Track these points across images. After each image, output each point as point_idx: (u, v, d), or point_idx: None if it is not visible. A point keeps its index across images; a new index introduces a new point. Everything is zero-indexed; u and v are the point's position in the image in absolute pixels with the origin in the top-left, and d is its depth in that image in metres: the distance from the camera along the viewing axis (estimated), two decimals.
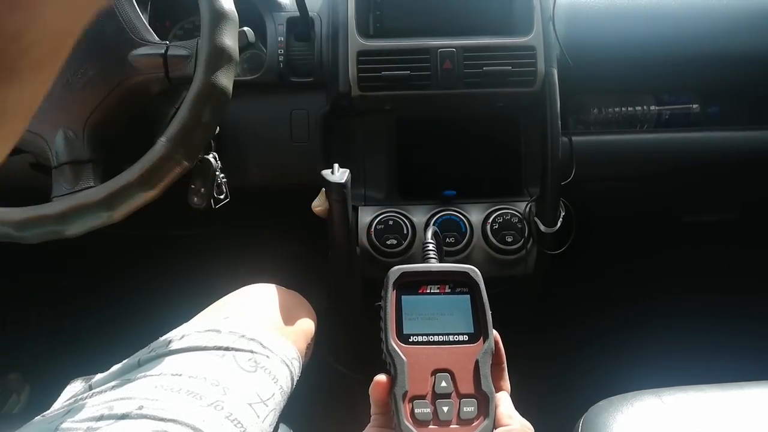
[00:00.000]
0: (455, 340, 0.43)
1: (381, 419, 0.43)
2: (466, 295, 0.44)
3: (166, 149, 0.63)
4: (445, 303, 0.44)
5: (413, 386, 0.41)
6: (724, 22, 0.91)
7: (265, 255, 1.18)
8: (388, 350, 0.42)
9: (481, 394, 0.41)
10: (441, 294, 0.45)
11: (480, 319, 0.43)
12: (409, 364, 0.41)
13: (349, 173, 0.71)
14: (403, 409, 0.40)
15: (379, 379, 0.41)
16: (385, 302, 0.43)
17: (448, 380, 0.41)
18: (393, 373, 0.41)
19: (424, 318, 0.43)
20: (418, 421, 0.40)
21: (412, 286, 0.44)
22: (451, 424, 0.40)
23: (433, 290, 0.45)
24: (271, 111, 0.89)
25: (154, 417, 0.49)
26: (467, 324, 0.43)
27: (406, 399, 0.40)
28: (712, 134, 0.94)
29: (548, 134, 0.83)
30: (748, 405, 0.63)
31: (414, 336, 0.42)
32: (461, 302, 0.44)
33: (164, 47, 0.68)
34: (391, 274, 0.44)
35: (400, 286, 0.44)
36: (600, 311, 1.23)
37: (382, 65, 0.83)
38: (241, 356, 0.59)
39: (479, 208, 0.86)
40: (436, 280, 0.45)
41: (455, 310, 0.44)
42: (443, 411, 0.40)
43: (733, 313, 1.19)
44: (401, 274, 0.44)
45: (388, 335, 0.42)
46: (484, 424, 0.40)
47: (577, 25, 0.89)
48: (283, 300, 0.71)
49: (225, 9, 0.65)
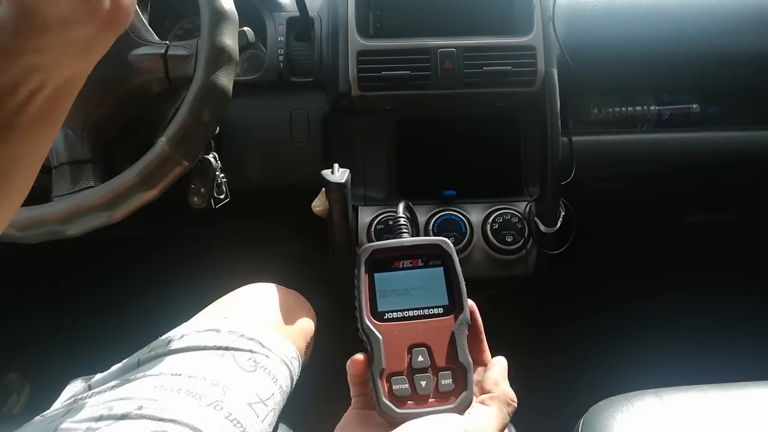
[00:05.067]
0: (430, 314, 0.42)
1: (361, 401, 0.42)
2: (439, 268, 0.44)
3: (166, 149, 0.63)
4: (419, 277, 0.44)
5: (390, 363, 0.41)
6: (724, 22, 0.91)
7: (265, 255, 1.18)
8: (363, 329, 0.42)
9: (458, 366, 0.41)
10: (414, 268, 0.44)
11: (454, 291, 0.43)
12: (385, 341, 0.41)
13: (349, 173, 0.71)
14: (381, 387, 0.40)
15: (356, 357, 0.41)
16: (358, 281, 0.43)
17: (424, 354, 0.41)
18: (369, 352, 0.41)
19: (398, 294, 0.43)
20: (396, 397, 0.40)
21: (384, 263, 0.44)
22: (430, 399, 0.40)
23: (405, 265, 0.44)
24: (271, 111, 0.89)
25: (153, 417, 0.49)
26: (441, 296, 0.43)
27: (383, 376, 0.40)
28: (712, 134, 0.94)
29: (548, 134, 0.83)
30: (748, 405, 0.63)
31: (389, 313, 0.42)
32: (434, 275, 0.44)
33: (164, 47, 0.68)
34: (362, 252, 0.44)
35: (373, 263, 0.44)
36: (600, 311, 1.23)
37: (382, 65, 0.83)
38: (240, 356, 0.59)
39: (479, 208, 0.86)
40: (408, 255, 0.44)
41: (429, 284, 0.43)
42: (421, 386, 0.40)
43: (733, 313, 1.19)
44: (372, 251, 0.44)
45: (363, 314, 0.42)
46: (463, 395, 0.40)
47: (577, 25, 0.89)
48: (283, 299, 0.71)
49: (225, 9, 0.65)
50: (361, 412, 0.42)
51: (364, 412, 0.42)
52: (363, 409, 0.42)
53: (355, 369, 0.41)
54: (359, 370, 0.41)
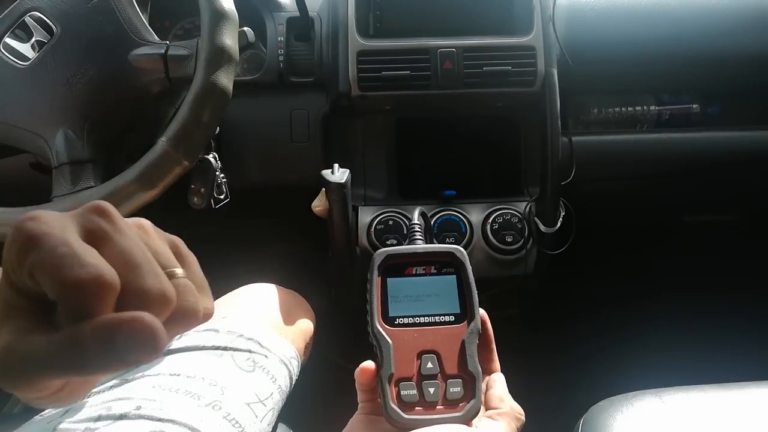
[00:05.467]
0: (441, 321, 0.42)
1: (368, 406, 0.42)
2: (452, 276, 0.44)
3: (167, 149, 0.63)
4: (431, 284, 0.44)
5: (399, 368, 0.41)
6: (724, 22, 0.91)
7: (265, 255, 1.18)
8: (373, 333, 0.42)
9: (468, 374, 0.41)
10: (426, 275, 0.44)
11: (466, 300, 0.43)
12: (395, 347, 0.41)
13: (349, 173, 0.71)
14: (389, 392, 0.40)
15: (365, 365, 0.41)
16: (371, 285, 0.43)
17: (434, 361, 0.41)
18: (379, 356, 0.41)
19: (410, 300, 0.43)
20: (404, 403, 0.40)
21: (397, 268, 0.44)
22: (438, 405, 0.40)
23: (418, 272, 0.44)
24: (271, 111, 0.89)
25: (151, 417, 0.49)
26: (453, 304, 0.43)
27: (392, 381, 0.40)
28: (712, 134, 0.94)
29: (548, 134, 0.83)
30: (748, 405, 0.63)
31: (400, 318, 0.42)
32: (447, 283, 0.44)
33: (164, 47, 0.68)
34: (376, 256, 0.44)
35: (386, 268, 0.44)
36: (600, 311, 1.23)
37: (382, 65, 0.83)
38: (239, 356, 0.59)
39: (479, 208, 0.86)
40: (422, 262, 0.44)
41: (441, 291, 0.44)
42: (429, 392, 0.40)
43: (733, 312, 1.19)
44: (386, 256, 0.44)
45: (374, 318, 0.42)
46: (471, 404, 0.40)
47: (577, 25, 0.89)
48: (282, 299, 0.71)
49: (225, 9, 0.65)
50: (367, 417, 0.42)
51: (370, 417, 0.42)
52: (369, 414, 0.42)
53: (363, 377, 0.41)
54: (368, 379, 0.41)
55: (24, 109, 0.69)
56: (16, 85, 0.69)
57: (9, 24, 0.70)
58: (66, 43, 0.68)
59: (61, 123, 0.67)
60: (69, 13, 0.69)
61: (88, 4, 0.69)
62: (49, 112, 0.68)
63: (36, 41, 0.69)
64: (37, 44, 0.69)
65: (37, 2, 0.70)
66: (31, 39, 0.70)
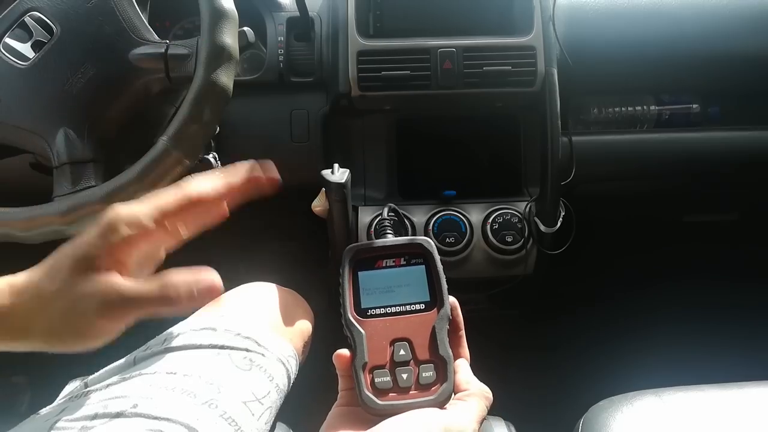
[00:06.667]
0: (412, 310, 0.44)
1: (347, 396, 0.44)
2: (421, 266, 0.46)
3: (167, 148, 0.63)
4: (401, 275, 0.46)
5: (372, 357, 0.42)
6: (724, 22, 0.91)
7: (265, 255, 1.18)
8: (346, 325, 0.43)
9: (439, 359, 0.42)
10: (396, 267, 0.46)
11: (435, 288, 0.45)
12: (368, 336, 0.43)
13: (349, 173, 0.71)
14: (364, 380, 0.41)
15: (340, 352, 0.43)
16: (342, 279, 0.45)
17: (406, 348, 0.43)
18: (353, 346, 0.43)
19: (381, 291, 0.45)
20: (378, 390, 0.41)
21: (368, 262, 0.46)
22: (411, 390, 0.42)
23: (388, 264, 0.46)
24: (271, 111, 0.89)
25: (148, 415, 0.49)
26: (423, 293, 0.45)
27: (365, 370, 0.42)
28: (712, 134, 0.94)
29: (548, 134, 0.83)
30: (748, 405, 0.63)
31: (372, 309, 0.44)
32: (416, 273, 0.46)
33: (164, 46, 0.68)
34: (346, 252, 0.46)
35: (357, 262, 0.46)
36: (600, 311, 1.23)
37: (382, 65, 0.83)
38: (236, 354, 0.59)
39: (479, 208, 0.86)
40: (391, 254, 0.46)
41: (411, 281, 0.45)
42: (402, 378, 0.42)
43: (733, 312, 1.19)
44: (356, 251, 0.46)
45: (346, 310, 0.44)
46: (443, 387, 0.41)
47: (577, 25, 0.89)
48: (281, 299, 0.71)
49: (225, 8, 0.65)
50: (345, 408, 0.43)
51: (348, 408, 0.43)
52: (347, 406, 0.43)
53: (339, 363, 0.43)
54: (343, 364, 0.43)
55: (24, 109, 0.69)
56: (16, 85, 0.69)
57: (9, 24, 0.70)
58: (66, 42, 0.68)
59: (61, 123, 0.67)
60: (69, 12, 0.69)
61: (88, 3, 0.69)
62: (50, 112, 0.68)
63: (36, 41, 0.69)
64: (37, 44, 0.69)
65: (37, 2, 0.70)
66: (31, 39, 0.70)
